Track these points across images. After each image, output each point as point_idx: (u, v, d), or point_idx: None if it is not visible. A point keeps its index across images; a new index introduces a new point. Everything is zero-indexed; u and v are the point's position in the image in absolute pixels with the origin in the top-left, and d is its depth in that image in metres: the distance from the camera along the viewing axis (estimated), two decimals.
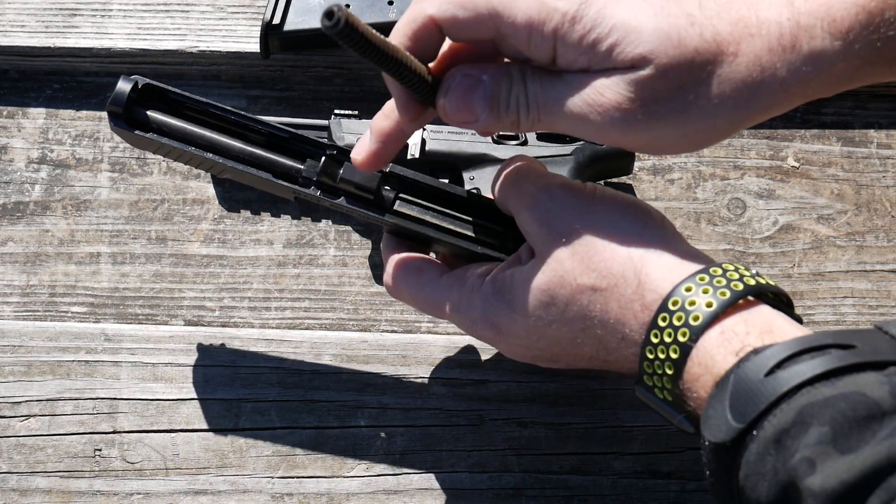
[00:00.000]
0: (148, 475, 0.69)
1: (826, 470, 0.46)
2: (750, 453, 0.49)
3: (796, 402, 0.48)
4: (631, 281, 0.56)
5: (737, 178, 0.81)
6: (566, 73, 0.55)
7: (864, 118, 0.84)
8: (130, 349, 0.73)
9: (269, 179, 0.63)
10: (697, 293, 0.54)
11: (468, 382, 0.72)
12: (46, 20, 0.84)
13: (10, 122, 0.82)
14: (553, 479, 0.69)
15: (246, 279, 0.77)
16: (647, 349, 0.55)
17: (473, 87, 0.57)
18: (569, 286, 0.57)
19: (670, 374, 0.54)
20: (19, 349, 0.73)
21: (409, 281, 0.64)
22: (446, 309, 0.62)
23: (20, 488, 0.69)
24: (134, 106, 0.62)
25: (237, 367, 0.72)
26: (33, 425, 0.71)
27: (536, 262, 0.59)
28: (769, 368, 0.50)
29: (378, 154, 0.60)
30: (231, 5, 0.85)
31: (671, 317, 0.54)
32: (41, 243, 0.78)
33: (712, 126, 0.55)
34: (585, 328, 0.58)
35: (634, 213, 0.58)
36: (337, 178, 0.63)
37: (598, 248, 0.57)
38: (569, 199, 0.59)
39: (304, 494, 0.69)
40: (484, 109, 0.57)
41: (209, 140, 0.63)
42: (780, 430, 0.48)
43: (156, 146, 0.63)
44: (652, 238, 0.57)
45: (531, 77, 0.56)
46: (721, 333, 0.53)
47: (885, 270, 0.78)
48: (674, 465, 0.69)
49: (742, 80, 0.54)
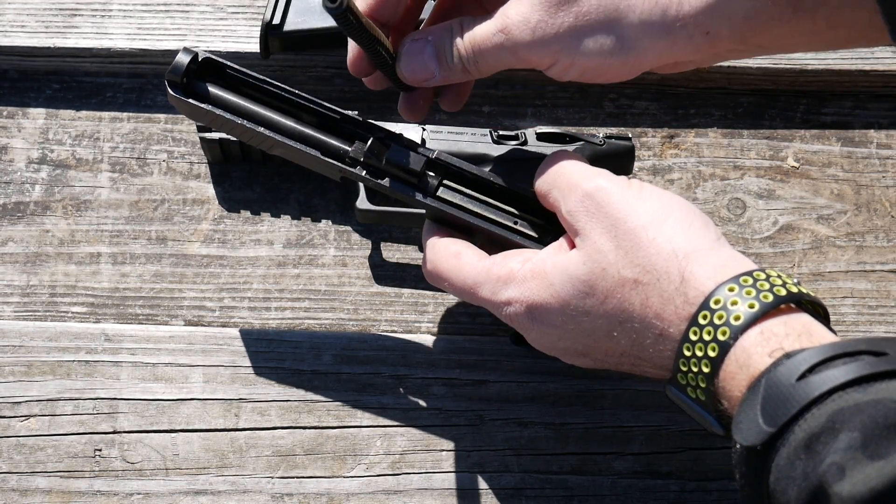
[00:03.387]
0: (148, 475, 0.69)
1: (855, 476, 0.46)
2: (780, 457, 0.49)
3: (827, 407, 0.48)
4: (674, 277, 0.56)
5: (737, 178, 0.81)
6: (493, 10, 0.61)
7: (864, 118, 0.84)
8: (130, 349, 0.73)
9: (316, 157, 0.65)
10: (741, 294, 0.54)
11: (468, 382, 0.72)
12: (46, 20, 0.84)
13: (10, 122, 0.82)
14: (553, 479, 0.69)
15: (246, 279, 0.77)
16: (685, 346, 0.55)
17: (422, 49, 0.63)
18: (611, 278, 0.57)
19: (707, 373, 0.54)
20: (19, 349, 0.73)
21: (448, 262, 0.64)
22: (482, 292, 0.62)
23: (20, 488, 0.69)
24: (192, 78, 0.65)
25: (237, 367, 0.72)
26: (33, 425, 0.71)
27: (579, 252, 0.59)
28: (801, 373, 0.50)
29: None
30: (231, 5, 0.85)
31: (712, 315, 0.54)
32: (41, 243, 0.78)
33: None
34: (623, 321, 0.58)
35: (681, 211, 0.59)
36: (383, 160, 0.64)
37: (643, 242, 0.57)
38: (615, 194, 0.59)
39: (304, 494, 0.69)
40: (434, 65, 0.64)
41: (262, 116, 0.65)
42: (811, 435, 0.48)
43: (210, 117, 0.65)
44: (697, 237, 0.58)
45: (467, 25, 0.62)
46: (760, 333, 0.53)
47: (885, 270, 0.78)
48: (674, 465, 0.69)
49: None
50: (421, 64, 0.64)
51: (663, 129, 0.83)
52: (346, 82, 0.83)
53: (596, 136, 0.78)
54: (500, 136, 0.77)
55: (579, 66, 0.62)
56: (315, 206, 0.79)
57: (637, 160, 0.81)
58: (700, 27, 0.60)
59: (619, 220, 0.58)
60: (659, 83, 0.84)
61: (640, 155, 0.82)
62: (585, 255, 0.59)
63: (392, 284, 0.77)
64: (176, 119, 0.83)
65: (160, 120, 0.83)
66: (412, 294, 0.76)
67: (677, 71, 0.65)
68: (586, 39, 0.61)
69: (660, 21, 0.60)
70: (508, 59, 0.62)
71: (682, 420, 0.70)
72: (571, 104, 0.84)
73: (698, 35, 0.60)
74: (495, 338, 0.74)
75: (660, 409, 0.71)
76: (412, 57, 0.64)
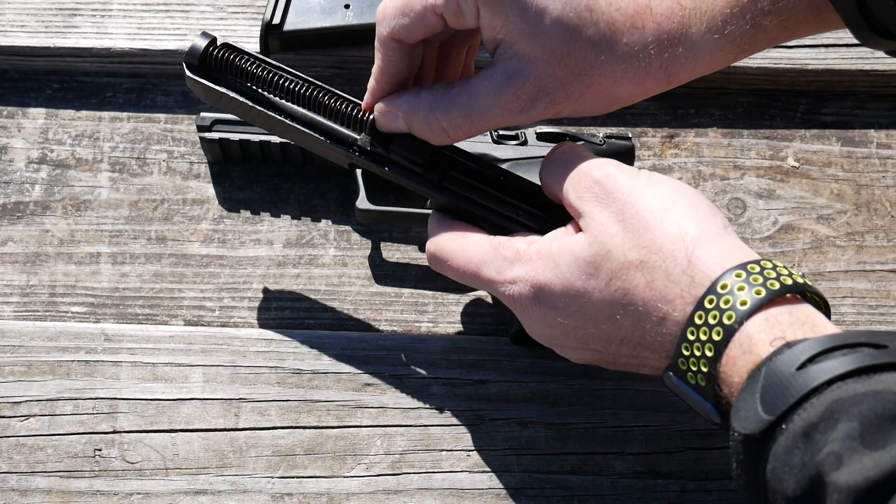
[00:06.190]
0: (148, 475, 0.69)
1: (853, 465, 0.46)
2: (779, 446, 0.49)
3: (826, 397, 0.49)
4: (681, 260, 0.56)
5: (737, 178, 0.81)
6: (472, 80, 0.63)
7: (864, 118, 0.84)
8: (130, 349, 0.73)
9: (325, 143, 0.66)
10: (748, 280, 0.54)
11: (468, 382, 0.72)
12: (46, 20, 0.84)
13: (10, 122, 0.82)
14: (553, 479, 0.69)
15: (246, 279, 0.77)
16: (689, 330, 0.55)
17: (394, 121, 0.65)
18: (616, 260, 0.58)
19: (710, 356, 0.54)
20: (19, 349, 0.73)
21: (454, 242, 0.64)
22: (487, 271, 0.62)
23: (20, 488, 0.69)
24: (208, 62, 0.67)
25: (237, 367, 0.72)
26: (33, 425, 0.70)
27: (585, 234, 0.59)
28: (801, 362, 0.50)
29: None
30: (231, 5, 0.85)
31: (718, 299, 0.54)
32: (41, 243, 0.78)
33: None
34: (626, 304, 0.58)
35: (690, 198, 0.59)
36: (389, 150, 0.65)
37: (650, 225, 0.57)
38: (624, 180, 0.60)
39: (304, 494, 0.69)
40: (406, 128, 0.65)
41: (274, 101, 0.67)
42: (810, 424, 0.48)
43: (226, 101, 0.67)
44: (705, 223, 0.58)
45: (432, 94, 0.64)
46: (766, 320, 0.53)
47: (885, 270, 0.78)
48: (674, 465, 0.69)
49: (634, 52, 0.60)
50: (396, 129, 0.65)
51: (663, 129, 0.83)
52: (346, 82, 0.83)
53: (596, 135, 0.78)
54: (499, 136, 0.77)
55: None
56: (315, 206, 0.79)
57: (637, 160, 0.81)
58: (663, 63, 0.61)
59: (628, 204, 0.58)
60: None
61: (640, 155, 0.82)
62: (591, 237, 0.59)
63: (392, 284, 0.77)
64: (176, 119, 0.83)
65: (160, 120, 0.83)
66: (412, 294, 0.76)
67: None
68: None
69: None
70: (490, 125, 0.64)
71: (682, 420, 0.70)
72: None
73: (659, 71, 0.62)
74: (495, 338, 0.74)
75: (660, 409, 0.71)
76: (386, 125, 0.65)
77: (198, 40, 0.66)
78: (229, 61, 0.67)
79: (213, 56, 0.66)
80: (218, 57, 0.66)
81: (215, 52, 0.66)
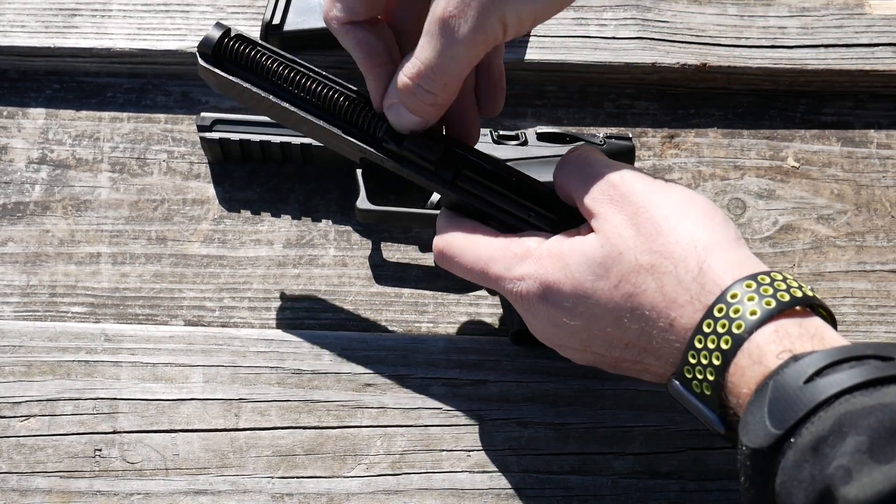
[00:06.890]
0: (148, 475, 0.69)
1: (862, 479, 0.46)
2: (787, 460, 0.49)
3: (834, 411, 0.48)
4: (692, 267, 0.56)
5: (737, 178, 0.81)
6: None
7: (864, 118, 0.84)
8: (130, 349, 0.73)
9: (338, 135, 0.66)
10: (758, 291, 0.54)
11: (468, 382, 0.72)
12: (46, 20, 0.84)
13: (10, 122, 0.82)
14: (553, 479, 0.69)
15: (246, 279, 0.77)
16: (697, 338, 0.55)
17: (402, 116, 0.64)
18: (626, 263, 0.57)
19: (717, 365, 0.54)
20: (19, 349, 0.73)
21: (463, 237, 0.64)
22: (495, 267, 0.62)
23: (20, 488, 0.69)
24: (221, 52, 0.67)
25: (237, 367, 0.72)
26: (33, 425, 0.71)
27: (597, 235, 0.59)
28: (808, 376, 0.50)
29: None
30: (231, 5, 0.85)
31: (728, 308, 0.54)
32: (41, 243, 0.78)
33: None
34: (634, 308, 0.57)
35: (704, 207, 0.59)
36: (402, 146, 0.65)
37: (663, 230, 0.57)
38: (640, 184, 0.60)
39: (304, 494, 0.69)
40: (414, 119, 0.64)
41: (286, 93, 0.67)
42: (818, 438, 0.48)
43: (238, 91, 0.67)
44: (717, 232, 0.58)
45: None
46: (775, 331, 0.53)
47: (885, 270, 0.78)
48: (674, 465, 0.69)
49: None
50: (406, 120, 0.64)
51: (663, 129, 0.83)
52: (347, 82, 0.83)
53: (596, 136, 0.78)
54: (500, 136, 0.77)
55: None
56: (315, 206, 0.79)
57: (637, 160, 0.81)
58: None
59: (642, 208, 0.58)
60: (659, 83, 0.84)
61: (641, 155, 0.82)
62: (604, 238, 0.59)
63: (392, 284, 0.77)
64: (176, 119, 0.83)
65: (160, 120, 0.83)
66: (412, 294, 0.77)
67: None
68: None
69: None
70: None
71: (682, 420, 0.70)
72: (571, 104, 0.84)
73: None
74: (495, 338, 0.74)
75: (660, 409, 0.71)
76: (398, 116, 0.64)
77: (212, 30, 0.66)
78: (243, 52, 0.67)
79: (226, 47, 0.67)
80: (231, 48, 0.67)
81: (229, 43, 0.67)
